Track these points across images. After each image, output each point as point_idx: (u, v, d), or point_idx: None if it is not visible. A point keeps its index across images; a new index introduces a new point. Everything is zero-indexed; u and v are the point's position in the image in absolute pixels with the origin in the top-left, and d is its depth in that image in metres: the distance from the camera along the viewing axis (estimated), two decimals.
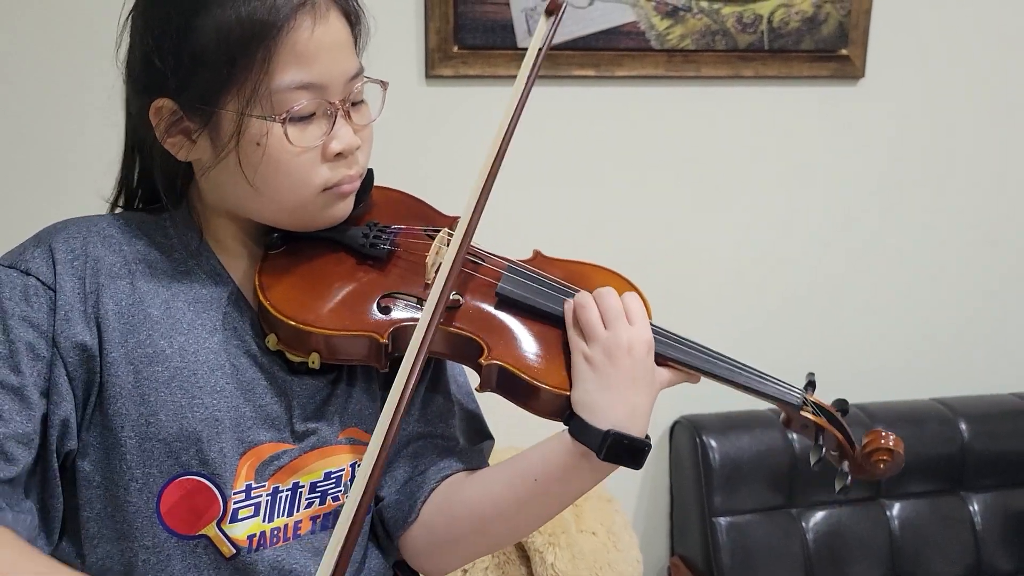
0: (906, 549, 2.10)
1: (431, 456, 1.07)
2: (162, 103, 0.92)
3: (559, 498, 1.03)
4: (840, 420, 1.07)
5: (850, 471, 1.06)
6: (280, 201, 0.95)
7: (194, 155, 0.95)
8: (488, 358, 0.97)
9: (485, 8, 1.87)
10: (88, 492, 0.94)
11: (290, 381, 0.99)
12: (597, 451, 0.95)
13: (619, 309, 0.99)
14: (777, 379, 1.06)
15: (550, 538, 1.76)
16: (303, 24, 0.90)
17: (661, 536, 2.24)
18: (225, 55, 0.88)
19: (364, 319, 0.97)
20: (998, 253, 2.27)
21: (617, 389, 0.96)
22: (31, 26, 1.77)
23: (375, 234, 1.02)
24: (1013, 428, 2.18)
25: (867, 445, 1.06)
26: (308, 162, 0.93)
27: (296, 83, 0.90)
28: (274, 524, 0.98)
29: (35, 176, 1.82)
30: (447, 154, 1.93)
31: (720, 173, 2.08)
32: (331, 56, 0.92)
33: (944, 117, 2.16)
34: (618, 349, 0.97)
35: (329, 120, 0.93)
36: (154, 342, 0.94)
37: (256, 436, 0.96)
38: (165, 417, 0.92)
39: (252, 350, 0.98)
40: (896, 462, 1.06)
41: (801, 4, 2.00)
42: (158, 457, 0.93)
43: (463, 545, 1.06)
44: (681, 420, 2.12)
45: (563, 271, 1.07)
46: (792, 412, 1.06)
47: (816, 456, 1.05)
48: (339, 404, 1.02)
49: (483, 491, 1.03)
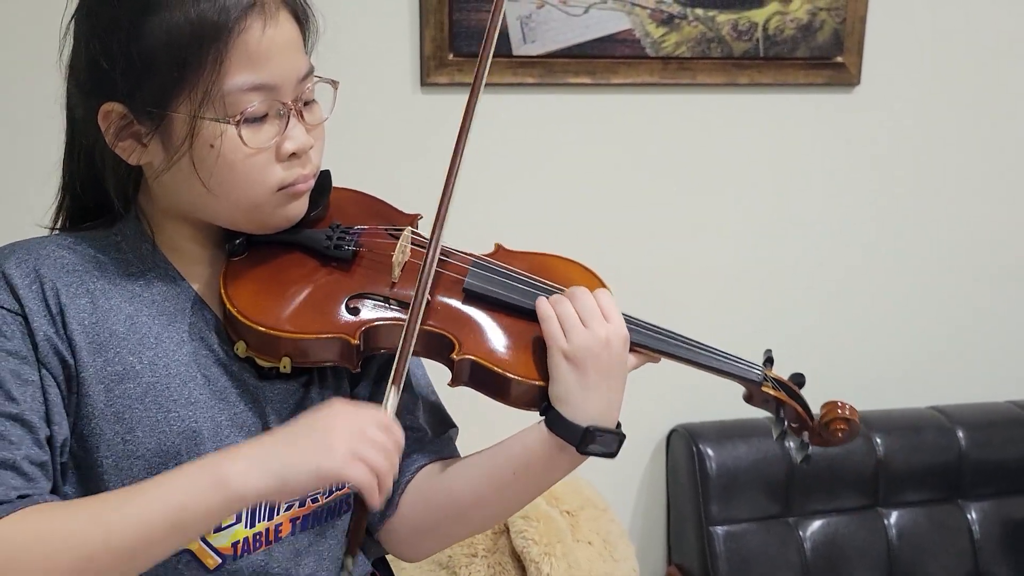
0: (904, 558, 2.09)
1: (404, 448, 1.07)
2: (111, 107, 0.91)
3: (537, 486, 1.06)
4: (798, 393, 1.12)
5: (810, 441, 1.11)
6: (235, 202, 0.94)
7: (145, 159, 0.94)
8: (460, 353, 0.98)
9: (480, 16, 1.86)
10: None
11: (262, 387, 0.99)
12: (577, 446, 0.98)
13: (595, 307, 1.00)
14: (737, 357, 1.10)
15: (546, 548, 1.75)
16: (254, 25, 0.89)
17: (658, 545, 2.23)
18: (176, 58, 0.87)
19: (334, 321, 0.97)
20: (994, 260, 2.26)
21: (594, 384, 0.98)
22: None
23: (339, 235, 1.02)
24: (1010, 436, 2.17)
25: (824, 415, 1.10)
26: (262, 163, 0.93)
27: (248, 84, 0.90)
28: (256, 529, 0.97)
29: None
30: (442, 162, 1.92)
31: (715, 180, 2.08)
32: (282, 56, 0.92)
33: (940, 124, 2.16)
34: (597, 346, 0.98)
35: (282, 120, 0.93)
36: (123, 359, 0.92)
37: (235, 443, 0.95)
38: (142, 433, 0.91)
39: (222, 358, 0.97)
40: (852, 430, 1.10)
41: (796, 12, 2.00)
42: (137, 474, 0.91)
43: (442, 531, 1.09)
44: (678, 429, 2.11)
45: (527, 263, 1.08)
46: (753, 388, 1.10)
47: (778, 429, 1.10)
48: (313, 406, 1.00)
49: (462, 481, 1.04)
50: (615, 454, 1.00)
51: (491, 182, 1.95)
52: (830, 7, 2.01)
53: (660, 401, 2.09)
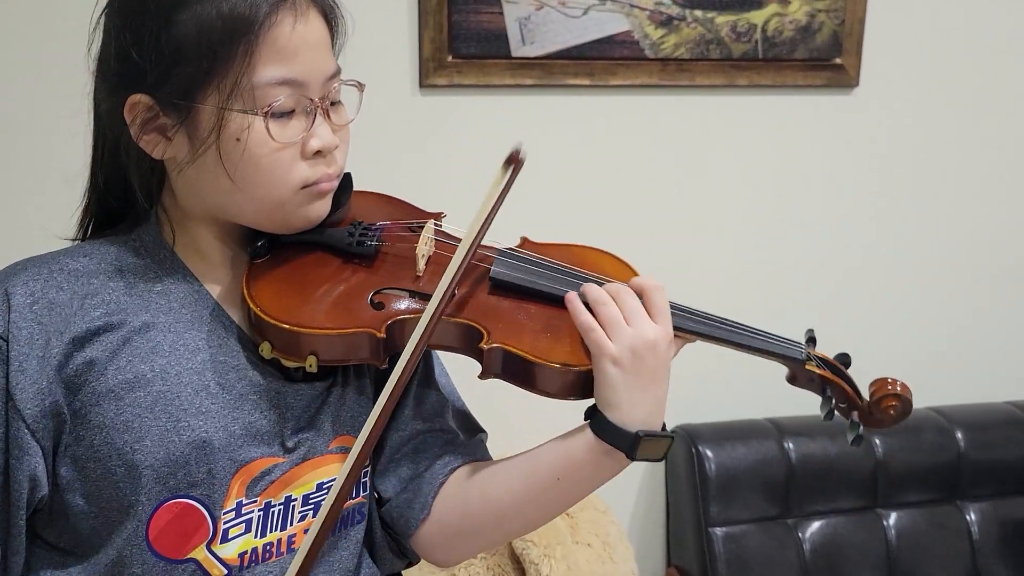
0: (903, 559, 2.09)
1: (434, 450, 1.06)
2: (138, 99, 0.91)
3: (580, 491, 1.03)
4: (844, 371, 1.08)
5: (861, 420, 1.07)
6: (258, 199, 0.94)
7: (169, 152, 0.94)
8: (489, 342, 0.97)
9: (479, 17, 1.86)
10: (89, 523, 0.93)
11: (284, 391, 0.98)
12: (627, 452, 0.96)
13: (639, 306, 0.98)
14: (778, 336, 1.07)
15: (545, 550, 1.75)
16: (284, 20, 0.90)
17: (657, 547, 2.23)
18: (206, 49, 0.88)
19: (359, 316, 0.96)
20: (993, 260, 2.27)
21: (644, 387, 0.96)
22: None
23: (360, 232, 1.02)
24: (1009, 437, 2.17)
25: (875, 393, 1.07)
26: (288, 159, 0.93)
27: (277, 78, 0.90)
28: (267, 539, 0.96)
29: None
30: (442, 163, 1.92)
31: (714, 182, 2.08)
32: (311, 54, 0.92)
33: (938, 125, 2.16)
34: (644, 347, 0.96)
35: (308, 117, 0.93)
36: (134, 367, 0.91)
37: (247, 454, 0.95)
38: (151, 443, 0.91)
39: (241, 364, 0.96)
40: (905, 407, 1.06)
41: (795, 13, 2.00)
42: (146, 483, 0.91)
43: (479, 535, 1.06)
44: (677, 430, 2.10)
45: (556, 253, 1.08)
46: (797, 367, 1.07)
47: (826, 408, 1.06)
48: (332, 412, 1.01)
49: (500, 485, 1.03)
50: (663, 458, 0.99)
51: (486, 183, 1.95)
52: (829, 8, 2.01)
53: None
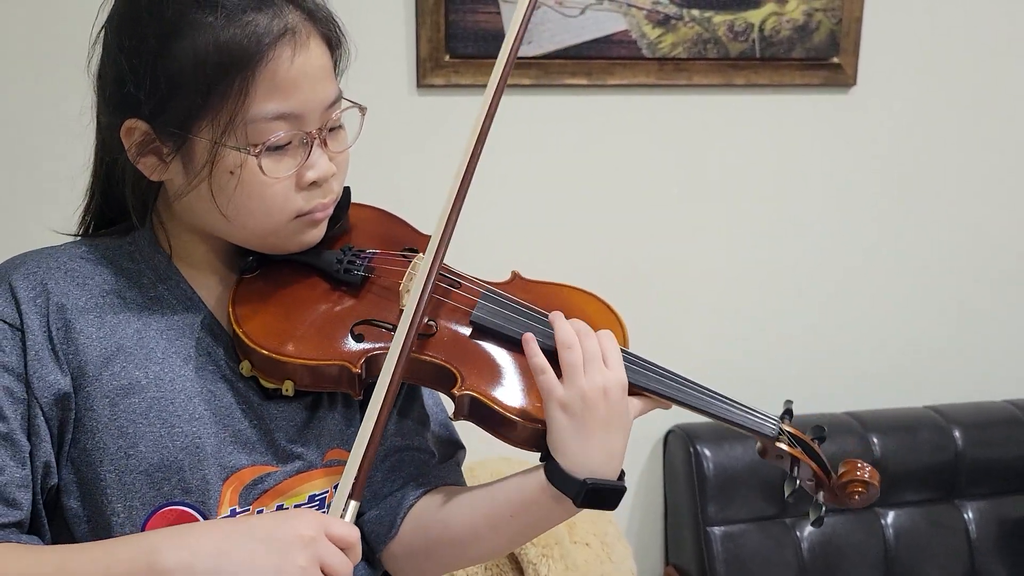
0: (900, 558, 2.09)
1: (409, 470, 1.06)
2: (134, 124, 0.90)
3: (534, 530, 1.03)
4: (816, 450, 1.05)
5: (824, 501, 1.05)
6: (252, 228, 0.94)
7: (166, 176, 0.93)
8: (461, 388, 0.95)
9: (477, 17, 1.86)
10: (80, 528, 0.93)
11: (265, 406, 0.98)
12: (574, 499, 0.94)
13: (597, 351, 0.95)
14: (751, 409, 1.04)
15: (544, 550, 1.75)
16: (283, 54, 0.88)
17: (655, 546, 2.23)
18: (201, 83, 0.86)
19: (337, 348, 0.96)
20: (991, 260, 2.27)
21: (593, 435, 0.93)
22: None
23: (349, 259, 1.01)
24: (1007, 435, 2.18)
25: (843, 475, 1.04)
26: (282, 191, 0.92)
27: (273, 113, 0.88)
28: None
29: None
30: (439, 164, 1.92)
31: (712, 181, 2.08)
32: (310, 85, 0.90)
33: (936, 125, 2.16)
34: (594, 394, 0.93)
35: (305, 149, 0.92)
36: (128, 373, 0.92)
37: (237, 460, 0.95)
38: (145, 448, 0.91)
39: (228, 375, 0.97)
40: (870, 494, 1.04)
41: (792, 12, 2.00)
42: (140, 489, 0.91)
43: (441, 560, 1.06)
44: (675, 430, 2.11)
45: (541, 296, 1.05)
46: (767, 443, 1.04)
47: (791, 488, 1.04)
48: (320, 428, 1.01)
49: (459, 516, 1.02)
50: (615, 506, 0.96)
51: (486, 184, 1.94)
52: (826, 8, 2.01)
53: None
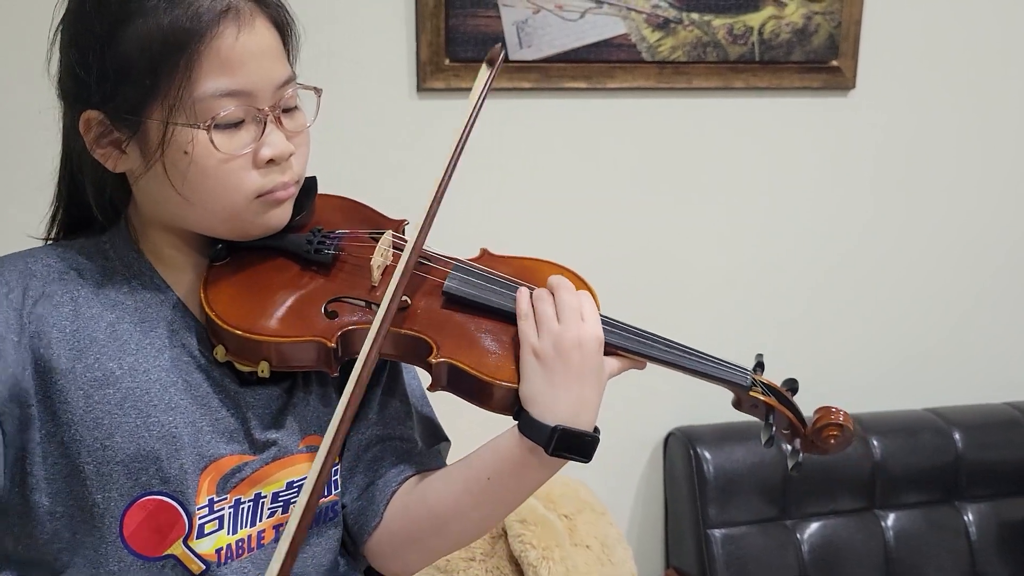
0: (901, 560, 2.09)
1: (390, 459, 1.07)
2: (90, 115, 0.92)
3: (514, 493, 1.03)
4: (790, 399, 1.08)
5: (801, 448, 1.08)
6: (212, 209, 0.94)
7: (124, 165, 0.94)
8: (437, 356, 0.97)
9: (476, 21, 1.87)
10: (53, 524, 0.93)
11: (242, 392, 0.99)
12: (545, 446, 0.95)
13: (575, 304, 0.98)
14: (725, 361, 1.07)
15: (544, 552, 1.75)
16: (227, 32, 0.89)
17: (656, 549, 2.23)
18: (148, 65, 0.88)
19: (311, 325, 0.97)
20: (990, 262, 2.27)
21: (565, 384, 0.95)
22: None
23: (319, 240, 1.02)
24: (1007, 438, 2.18)
25: (817, 421, 1.07)
26: (237, 169, 0.92)
27: (220, 90, 0.90)
28: (238, 536, 0.97)
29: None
30: (439, 167, 1.92)
31: (711, 184, 2.08)
32: (257, 63, 0.91)
33: (935, 128, 2.17)
34: (568, 343, 0.95)
35: (259, 126, 0.93)
36: (102, 365, 0.92)
37: (215, 450, 0.96)
38: (121, 439, 0.91)
39: (203, 364, 0.97)
40: (846, 436, 1.07)
41: (792, 16, 2.00)
42: (117, 480, 0.92)
43: (423, 545, 1.06)
44: (675, 432, 2.11)
45: (511, 267, 1.07)
46: (741, 393, 1.07)
47: (767, 435, 1.07)
48: (297, 413, 1.02)
49: (438, 491, 1.03)
50: (589, 458, 0.97)
51: (486, 186, 1.96)
52: (825, 11, 2.01)
53: (657, 404, 2.09)
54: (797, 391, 1.10)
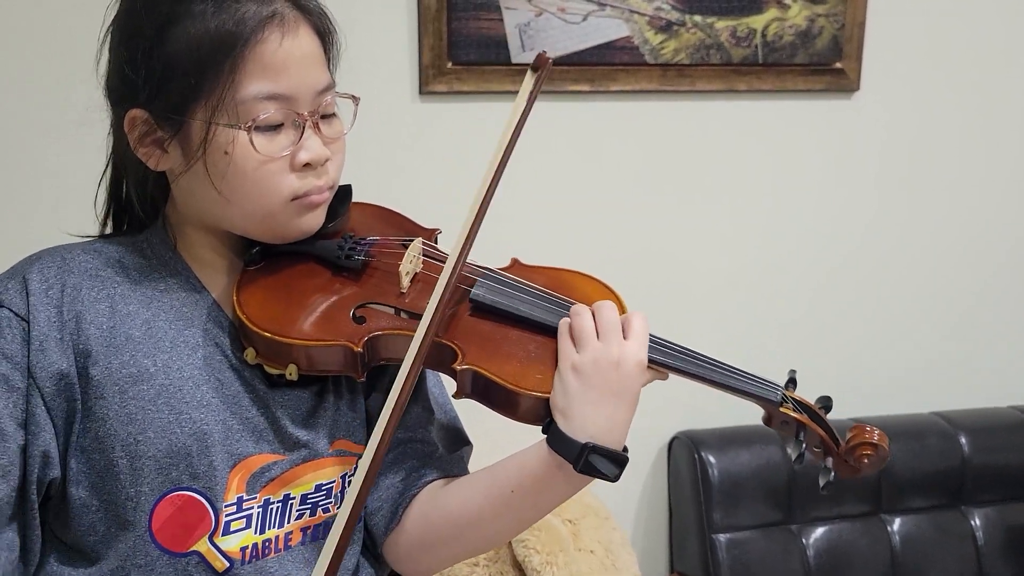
0: (907, 564, 2.08)
1: (412, 462, 1.07)
2: (135, 113, 0.95)
3: (535, 508, 1.03)
4: (822, 417, 1.06)
5: (834, 467, 1.06)
6: (248, 209, 0.96)
7: (165, 164, 0.97)
8: (462, 363, 0.97)
9: (479, 24, 1.86)
10: (89, 517, 0.95)
11: (272, 394, 1.00)
12: (573, 462, 0.95)
13: (616, 323, 0.98)
14: (755, 376, 1.05)
15: (548, 557, 1.74)
16: (271, 37, 0.92)
17: (660, 553, 2.22)
18: (194, 65, 0.90)
19: (339, 329, 0.98)
20: (996, 265, 2.26)
21: (600, 402, 0.95)
22: (9, 40, 1.76)
23: (350, 246, 1.04)
24: (1013, 441, 2.17)
25: (851, 439, 1.05)
26: (275, 171, 0.94)
27: (262, 93, 0.92)
28: (265, 536, 0.98)
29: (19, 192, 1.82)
30: (441, 170, 1.92)
31: (715, 187, 2.08)
32: (299, 68, 0.94)
33: (939, 130, 2.16)
34: (607, 362, 0.96)
35: (297, 131, 0.95)
36: (137, 361, 0.94)
37: (245, 448, 0.97)
38: (153, 434, 0.93)
39: (235, 364, 0.99)
40: (880, 456, 1.04)
41: (795, 18, 2.00)
42: (148, 475, 0.93)
43: (441, 550, 1.07)
44: (680, 436, 2.10)
45: (542, 278, 1.07)
46: (772, 409, 1.05)
47: (796, 452, 1.04)
48: (327, 417, 1.03)
49: (460, 499, 1.03)
50: (616, 478, 0.96)
51: None
52: (829, 13, 2.01)
53: (661, 408, 2.08)
54: (831, 409, 1.07)
